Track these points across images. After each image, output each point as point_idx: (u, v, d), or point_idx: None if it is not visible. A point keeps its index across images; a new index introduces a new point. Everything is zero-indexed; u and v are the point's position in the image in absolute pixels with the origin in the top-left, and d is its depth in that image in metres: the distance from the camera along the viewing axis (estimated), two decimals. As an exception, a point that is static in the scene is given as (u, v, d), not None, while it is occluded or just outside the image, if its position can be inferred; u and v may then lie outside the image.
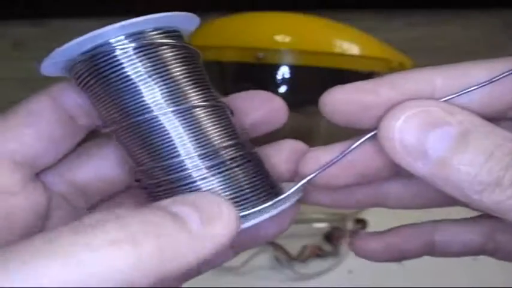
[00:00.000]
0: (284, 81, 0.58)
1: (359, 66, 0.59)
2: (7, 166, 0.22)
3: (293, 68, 0.58)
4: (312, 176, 0.24)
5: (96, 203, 0.26)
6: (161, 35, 0.22)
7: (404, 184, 0.27)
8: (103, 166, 0.25)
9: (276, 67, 0.58)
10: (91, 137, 0.25)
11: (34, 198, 0.23)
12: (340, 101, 0.23)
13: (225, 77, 0.63)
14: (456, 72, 0.22)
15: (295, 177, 0.26)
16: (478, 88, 0.22)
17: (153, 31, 0.22)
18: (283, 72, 0.58)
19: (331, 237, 0.62)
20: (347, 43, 0.59)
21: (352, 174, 0.25)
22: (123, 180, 0.26)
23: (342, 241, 0.61)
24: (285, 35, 0.58)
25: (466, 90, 0.22)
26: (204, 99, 0.22)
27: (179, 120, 0.22)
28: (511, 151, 0.20)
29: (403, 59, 0.61)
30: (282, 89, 0.58)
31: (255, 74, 0.60)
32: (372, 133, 0.23)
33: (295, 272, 0.58)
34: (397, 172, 0.25)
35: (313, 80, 0.59)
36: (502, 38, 0.90)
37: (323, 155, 0.24)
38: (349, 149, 0.23)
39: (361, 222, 0.63)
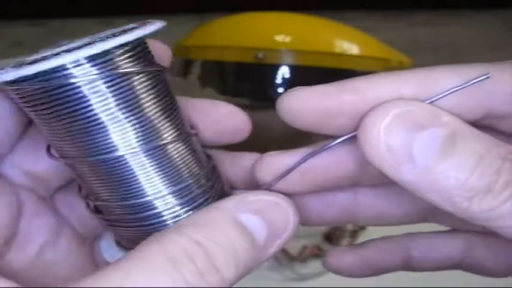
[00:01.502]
0: (284, 81, 0.58)
1: (359, 66, 0.59)
2: None
3: (293, 68, 0.58)
4: (269, 183, 0.23)
5: (55, 189, 0.25)
6: (129, 58, 0.19)
7: (367, 197, 0.26)
8: None
9: (276, 67, 0.58)
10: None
11: (5, 197, 0.22)
12: (301, 106, 0.21)
13: (225, 77, 0.63)
14: (423, 78, 0.21)
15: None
16: (459, 89, 0.20)
17: (119, 52, 0.19)
18: (283, 72, 0.58)
19: (331, 237, 0.62)
20: (347, 43, 0.59)
21: (308, 182, 0.23)
22: None
23: (342, 241, 0.62)
24: (285, 35, 0.58)
25: (447, 92, 0.20)
26: (175, 132, 0.21)
27: (148, 159, 0.20)
28: (501, 155, 0.18)
29: (402, 59, 0.62)
30: (282, 89, 0.58)
31: (255, 74, 0.60)
32: (341, 139, 0.21)
33: (295, 272, 0.58)
34: (357, 182, 0.24)
35: (313, 80, 0.59)
36: (502, 38, 0.90)
37: (280, 160, 0.23)
38: (309, 156, 0.22)
39: (361, 222, 0.63)
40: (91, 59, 0.18)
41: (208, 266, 0.18)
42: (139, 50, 0.20)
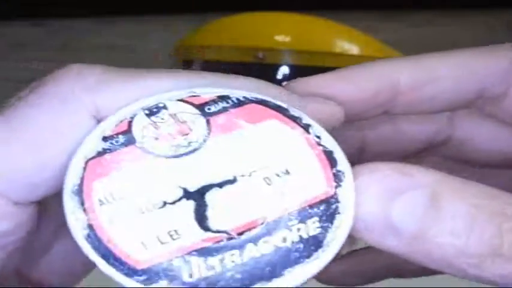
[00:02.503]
0: (284, 81, 0.58)
1: (359, 66, 0.59)
2: None
3: (293, 68, 0.58)
4: None
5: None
6: None
7: None
8: None
9: (276, 67, 0.58)
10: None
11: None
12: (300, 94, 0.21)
13: (225, 77, 0.63)
14: (421, 65, 0.21)
15: None
16: None
17: None
18: (283, 72, 0.58)
19: (331, 237, 0.62)
20: (347, 43, 0.59)
21: None
22: None
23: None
24: (285, 35, 0.58)
25: None
26: None
27: None
28: (496, 210, 0.15)
29: (403, 59, 0.62)
30: (282, 89, 0.58)
31: (255, 74, 0.60)
32: None
33: (295, 272, 0.58)
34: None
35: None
36: (502, 38, 0.89)
37: None
38: None
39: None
40: None
41: None
42: None
